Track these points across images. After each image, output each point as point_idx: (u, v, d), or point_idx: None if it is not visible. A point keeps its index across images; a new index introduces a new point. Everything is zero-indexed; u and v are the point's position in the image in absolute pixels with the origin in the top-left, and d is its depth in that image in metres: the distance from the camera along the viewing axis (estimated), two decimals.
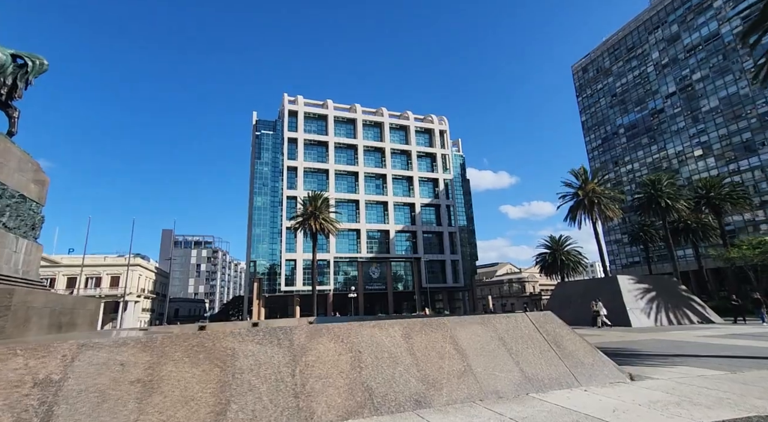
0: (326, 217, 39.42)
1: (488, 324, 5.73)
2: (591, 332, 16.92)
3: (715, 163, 69.38)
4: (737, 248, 35.04)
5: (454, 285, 75.17)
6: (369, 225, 71.61)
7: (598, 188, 37.66)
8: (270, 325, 20.33)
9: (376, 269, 71.75)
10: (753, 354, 8.89)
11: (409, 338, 5.06)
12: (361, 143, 74.19)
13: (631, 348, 10.57)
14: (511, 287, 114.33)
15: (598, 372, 5.49)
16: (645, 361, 7.70)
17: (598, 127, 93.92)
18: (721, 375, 5.88)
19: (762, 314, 20.71)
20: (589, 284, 26.11)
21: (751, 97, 65.44)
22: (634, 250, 77.56)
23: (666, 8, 79.81)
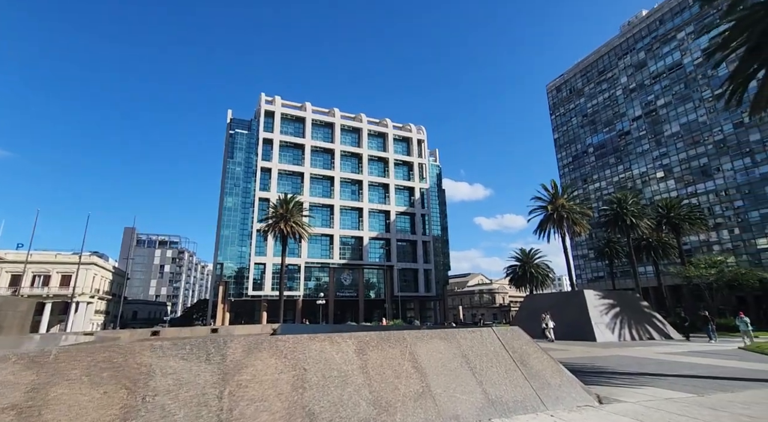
0: (298, 220, 38.37)
1: (451, 339, 5.29)
2: (557, 346, 16.90)
3: (675, 185, 73.05)
4: (695, 266, 36.63)
5: (426, 294, 75.14)
6: (343, 231, 70.73)
7: (568, 204, 38.62)
8: (230, 332, 19.11)
9: (348, 275, 70.78)
10: (714, 373, 8.90)
11: (363, 354, 4.53)
12: (338, 148, 73.53)
13: (597, 364, 10.43)
14: (481, 298, 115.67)
15: (565, 394, 5.13)
16: (611, 380, 7.49)
17: (569, 145, 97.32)
18: (688, 399, 5.68)
19: (709, 331, 21.41)
20: (557, 298, 26.42)
21: (709, 125, 69.58)
22: (600, 265, 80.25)
23: (634, 36, 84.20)
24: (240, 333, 17.69)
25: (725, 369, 9.80)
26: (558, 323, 22.45)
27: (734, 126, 66.08)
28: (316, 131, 73.65)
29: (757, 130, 63.23)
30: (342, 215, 71.50)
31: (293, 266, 64.30)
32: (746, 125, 64.42)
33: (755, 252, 60.61)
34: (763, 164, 62.46)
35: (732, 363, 11.15)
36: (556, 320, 22.75)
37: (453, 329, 5.68)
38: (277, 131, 68.11)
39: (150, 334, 16.42)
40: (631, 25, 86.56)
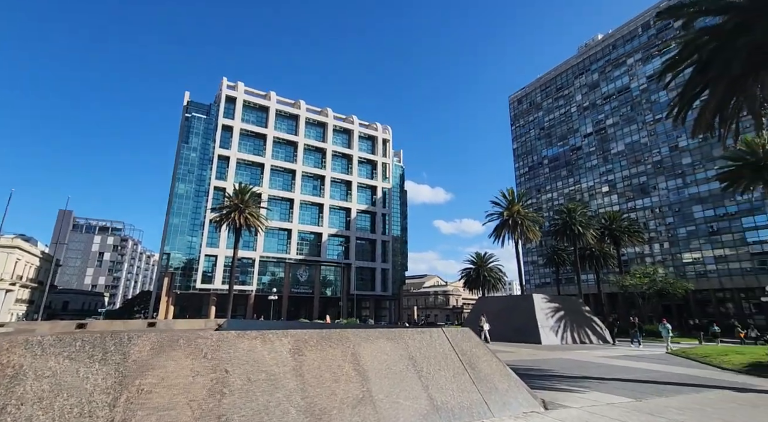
0: (254, 212, 36.70)
1: (399, 339, 4.93)
2: (505, 348, 17.25)
3: (618, 200, 78.49)
4: (631, 276, 39.36)
5: (382, 294, 75.19)
6: (302, 226, 69.06)
7: (523, 210, 40.13)
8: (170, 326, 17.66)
9: (305, 272, 69.26)
10: (649, 377, 9.30)
11: (299, 354, 4.04)
12: (302, 141, 71.69)
13: (543, 368, 10.61)
14: (436, 299, 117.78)
15: (512, 399, 4.95)
16: (556, 384, 7.53)
17: (526, 155, 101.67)
18: (628, 404, 5.74)
19: (635, 336, 22.63)
20: (507, 301, 27.23)
21: (649, 146, 75.42)
22: (547, 272, 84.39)
23: (590, 58, 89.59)
24: (180, 327, 16.39)
25: (658, 373, 10.31)
26: (507, 325, 23.08)
27: (670, 149, 72.03)
28: (280, 122, 71.36)
29: (688, 154, 69.31)
30: (302, 209, 69.80)
31: (247, 259, 61.82)
32: (680, 148, 70.47)
33: (681, 265, 66.32)
34: (691, 186, 68.47)
35: (662, 366, 11.82)
36: (505, 322, 23.37)
37: (401, 329, 5.33)
38: (238, 118, 65.16)
39: (75, 327, 14.78)
40: (587, 47, 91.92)
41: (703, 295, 61.65)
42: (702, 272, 64.13)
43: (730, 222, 62.65)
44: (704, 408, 5.72)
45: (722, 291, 62.14)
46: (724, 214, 63.62)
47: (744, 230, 61.05)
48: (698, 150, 67.62)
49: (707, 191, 65.45)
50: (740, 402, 6.37)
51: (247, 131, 66.27)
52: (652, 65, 76.65)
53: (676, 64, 10.94)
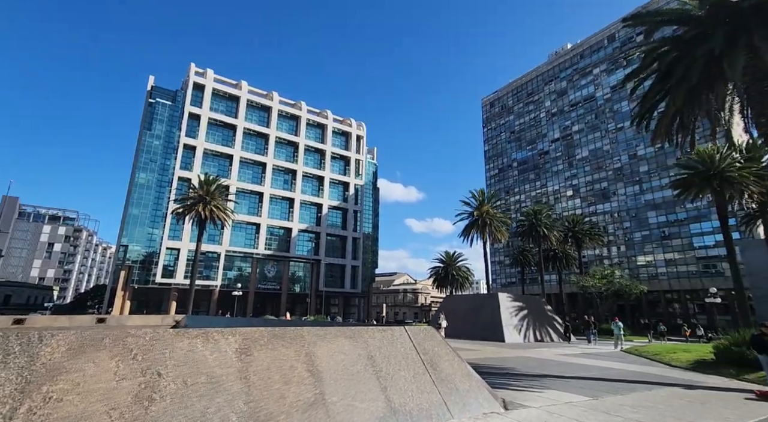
0: (219, 204, 35.26)
1: (358, 338, 4.68)
2: (470, 346, 17.42)
3: (581, 204, 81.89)
4: (591, 277, 41.09)
5: (351, 291, 74.75)
6: (271, 221, 67.36)
7: (492, 211, 40.95)
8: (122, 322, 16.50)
9: (273, 267, 67.68)
10: (605, 375, 9.57)
11: (247, 354, 3.70)
12: (273, 134, 69.85)
13: (505, 366, 10.70)
14: (405, 297, 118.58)
15: (472, 399, 4.82)
16: (517, 383, 7.56)
17: (497, 158, 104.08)
18: (585, 403, 5.78)
19: (589, 334, 23.61)
20: (474, 300, 27.63)
21: (611, 154, 79.11)
22: (513, 272, 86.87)
23: (559, 66, 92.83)
24: (133, 323, 15.37)
25: (613, 370, 10.65)
26: (473, 323, 23.41)
27: (629, 157, 75.88)
28: (251, 113, 69.20)
29: (646, 162, 73.27)
30: (272, 204, 68.09)
31: (212, 253, 59.66)
32: (638, 157, 74.38)
33: (635, 268, 70.05)
34: (647, 193, 72.43)
35: (617, 364, 12.26)
36: (472, 320, 23.69)
37: (361, 326, 5.08)
38: (207, 106, 62.56)
39: (11, 322, 13.52)
40: (557, 55, 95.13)
41: (654, 296, 65.40)
42: (654, 274, 68.06)
43: (680, 228, 66.83)
44: (657, 406, 5.85)
45: (671, 293, 66.25)
46: (674, 220, 67.76)
47: (691, 235, 65.29)
48: (654, 159, 71.63)
49: (661, 198, 69.50)
50: (689, 399, 6.60)
51: (215, 121, 63.78)
52: (615, 76, 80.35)
53: (638, 72, 11.35)
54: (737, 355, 10.50)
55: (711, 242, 63.26)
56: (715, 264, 61.91)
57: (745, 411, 5.98)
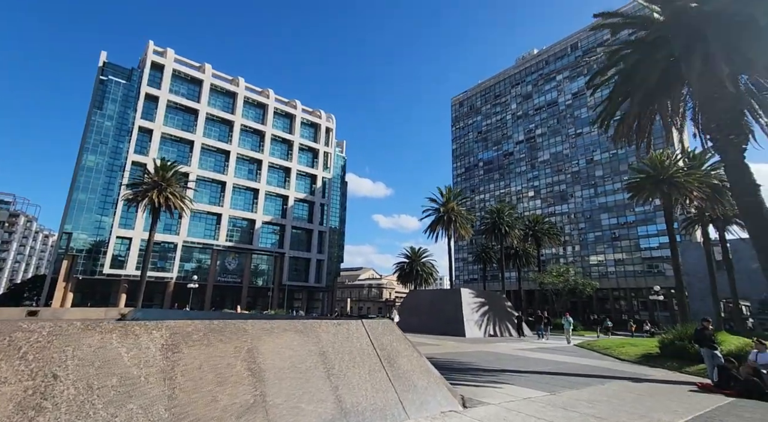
0: (176, 192, 33.19)
1: (310, 332, 4.27)
2: (432, 341, 17.43)
3: (541, 204, 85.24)
4: (548, 274, 42.77)
5: (315, 285, 73.60)
6: (234, 211, 64.78)
7: (457, 208, 41.55)
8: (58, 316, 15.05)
9: (234, 260, 65.25)
10: (561, 369, 9.75)
11: (175, 351, 3.20)
12: (239, 121, 67.04)
13: (464, 360, 10.67)
14: (370, 292, 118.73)
15: (430, 397, 4.56)
16: (477, 378, 7.45)
17: (464, 157, 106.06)
18: (543, 398, 5.72)
19: (540, 329, 24.09)
20: (437, 295, 27.84)
21: (570, 157, 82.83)
22: (475, 268, 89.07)
23: (526, 70, 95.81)
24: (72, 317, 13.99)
25: (568, 364, 10.91)
26: (436, 318, 23.55)
27: (587, 162, 79.76)
28: (215, 98, 65.99)
29: (601, 167, 77.34)
30: (235, 194, 65.46)
31: (168, 244, 56.58)
32: (595, 161, 78.37)
33: (588, 266, 73.98)
34: (601, 196, 76.52)
35: (572, 358, 12.64)
36: (434, 315, 23.81)
37: (314, 320, 4.68)
38: (166, 88, 58.89)
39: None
40: (524, 60, 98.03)
41: (603, 293, 69.41)
42: (604, 273, 72.21)
43: (629, 230, 71.25)
44: (610, 400, 5.91)
45: (618, 290, 70.64)
46: (624, 223, 72.13)
47: (638, 237, 69.81)
48: (609, 164, 75.76)
49: (613, 202, 73.71)
50: (639, 393, 6.77)
51: (175, 104, 60.25)
52: (576, 84, 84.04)
53: (603, 71, 11.66)
54: (680, 349, 11.09)
55: (655, 244, 67.90)
56: (658, 265, 66.58)
57: (691, 404, 6.18)
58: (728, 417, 5.36)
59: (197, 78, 63.42)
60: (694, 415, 5.32)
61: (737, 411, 5.88)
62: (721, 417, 5.33)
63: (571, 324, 22.16)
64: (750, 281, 49.73)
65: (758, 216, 8.92)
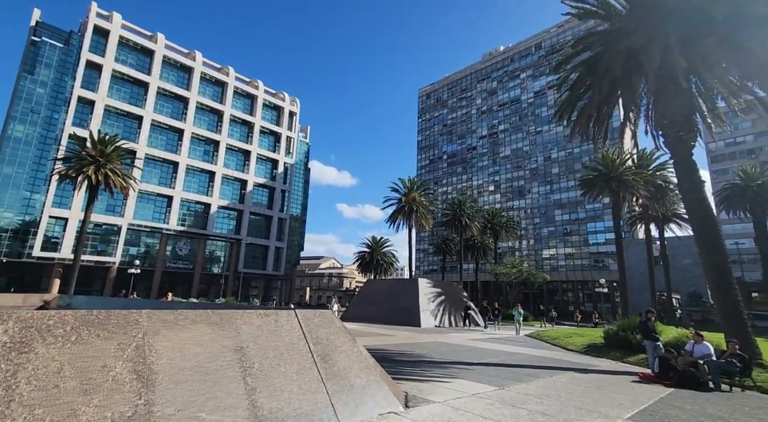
0: (117, 169, 30.33)
1: (228, 324, 3.59)
2: (385, 331, 17.12)
3: (500, 199, 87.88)
4: (504, 266, 44.08)
5: (273, 273, 71.55)
6: (187, 194, 61.08)
7: (419, 198, 41.54)
8: None
9: (186, 245, 61.79)
10: (512, 360, 9.68)
11: (22, 351, 2.41)
12: (194, 98, 62.85)
13: (417, 352, 10.36)
14: (330, 281, 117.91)
15: (368, 397, 4.04)
16: (426, 372, 7.09)
17: (429, 149, 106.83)
18: (492, 394, 5.41)
19: (485, 319, 23.93)
20: (394, 284, 27.67)
21: (529, 154, 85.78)
22: (435, 260, 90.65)
23: (492, 66, 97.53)
24: None
25: (518, 355, 10.93)
26: (392, 308, 23.32)
27: (544, 159, 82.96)
28: (169, 71, 61.32)
29: (557, 165, 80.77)
30: (189, 176, 61.65)
31: (111, 226, 52.41)
32: (552, 159, 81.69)
33: (541, 260, 77.51)
34: (556, 193, 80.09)
35: (522, 349, 12.77)
36: (390, 305, 23.56)
37: (236, 310, 3.97)
38: (111, 56, 53.81)
39: None
40: (491, 56, 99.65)
41: (554, 285, 73.10)
42: (555, 266, 75.98)
43: (579, 226, 75.26)
44: (559, 394, 5.74)
45: (567, 283, 74.70)
46: (576, 219, 76.07)
47: (588, 233, 73.97)
48: (564, 162, 79.25)
49: (567, 199, 77.41)
50: (586, 385, 6.71)
51: (122, 75, 55.32)
52: (539, 82, 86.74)
53: (568, 60, 11.64)
54: (623, 339, 11.48)
55: (602, 240, 72.21)
56: (603, 259, 70.96)
57: (636, 396, 6.16)
58: (671, 410, 5.33)
59: (148, 48, 58.57)
60: (639, 408, 5.24)
61: (678, 402, 5.92)
62: (664, 410, 5.29)
63: (521, 314, 22.38)
64: (682, 276, 54.35)
65: (702, 211, 9.20)
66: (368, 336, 13.98)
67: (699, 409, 5.51)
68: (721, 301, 9.45)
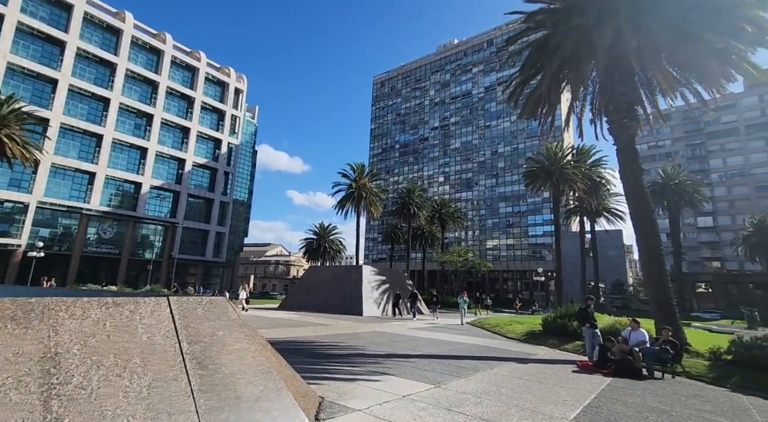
0: (15, 135, 25.80)
1: (36, 319, 2.37)
2: (323, 321, 16.12)
3: (449, 190, 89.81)
4: (450, 254, 44.83)
5: (213, 260, 67.14)
6: (113, 171, 54.74)
7: (369, 185, 40.66)
8: None
9: (112, 228, 55.69)
10: (451, 351, 9.17)
11: None
12: (124, 64, 56.09)
13: (351, 344, 9.49)
14: (276, 268, 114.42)
15: (261, 413, 3.02)
16: (356, 368, 6.22)
17: (382, 137, 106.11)
18: (426, 395, 4.65)
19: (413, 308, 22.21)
20: (338, 271, 26.63)
21: (478, 148, 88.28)
22: (384, 248, 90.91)
23: (446, 58, 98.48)
24: None
25: (458, 345, 10.50)
26: (335, 296, 22.33)
27: (491, 153, 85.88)
28: (92, 31, 53.99)
29: (503, 159, 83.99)
30: (116, 151, 55.21)
31: (16, 203, 45.64)
32: (498, 153, 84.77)
33: (484, 250, 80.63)
34: (501, 186, 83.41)
35: (462, 337, 12.44)
36: (333, 293, 22.56)
37: (63, 299, 2.74)
38: (16, 6, 46.03)
39: None
40: (445, 48, 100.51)
41: (495, 275, 76.51)
42: (497, 256, 79.50)
43: (520, 219, 79.18)
44: (500, 391, 5.16)
45: (507, 272, 78.58)
46: (518, 211, 79.90)
47: (528, 225, 78.09)
48: (510, 157, 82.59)
49: (511, 192, 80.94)
50: (527, 378, 6.26)
51: (32, 29, 47.72)
52: (489, 78, 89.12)
53: (518, 37, 11.22)
54: (560, 327, 11.54)
55: (540, 232, 76.62)
56: (540, 251, 75.43)
57: (578, 389, 5.79)
58: (614, 404, 4.95)
59: (66, 2, 51.05)
60: (584, 405, 4.80)
61: (619, 395, 5.62)
62: (608, 405, 4.90)
63: (466, 302, 21.48)
64: (607, 267, 59.22)
65: (640, 199, 9.23)
66: (301, 327, 12.92)
67: (641, 402, 5.22)
68: (653, 287, 9.66)
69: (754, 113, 66.85)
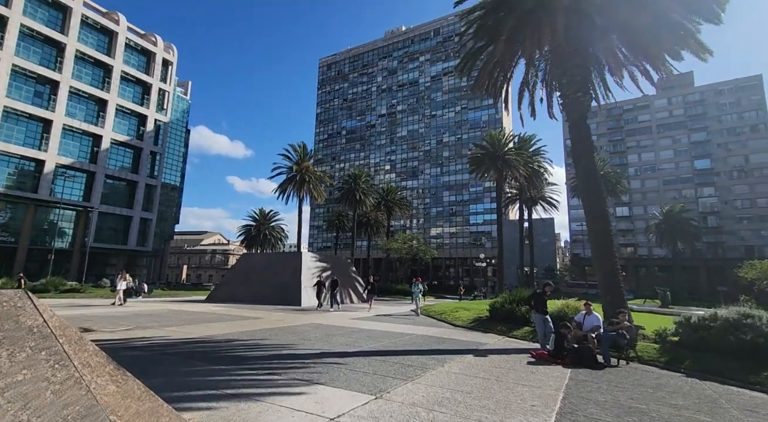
0: None
1: None
2: (252, 313, 14.40)
3: (395, 178, 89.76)
4: (395, 241, 44.41)
5: (138, 249, 60.45)
6: (6, 146, 46.49)
7: (312, 168, 38.58)
8: None
9: (5, 212, 47.69)
10: (395, 345, 8.18)
11: None
12: (18, 19, 47.41)
13: (277, 342, 8.06)
14: (214, 258, 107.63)
15: None
16: (273, 377, 4.88)
17: (328, 123, 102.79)
18: (363, 413, 3.44)
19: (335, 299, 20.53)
20: (274, 258, 24.71)
21: (424, 137, 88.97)
22: (329, 236, 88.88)
23: (393, 45, 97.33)
24: None
25: (404, 337, 9.55)
26: (270, 285, 20.51)
27: (437, 142, 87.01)
28: None
29: (448, 148, 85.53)
30: (9, 122, 46.90)
31: None
32: (444, 143, 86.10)
33: (429, 238, 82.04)
34: (445, 175, 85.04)
35: (408, 328, 11.57)
36: (269, 282, 20.71)
37: None
38: None
39: None
40: (393, 34, 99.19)
41: (439, 262, 78.27)
42: (441, 244, 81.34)
43: (463, 207, 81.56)
44: (455, 397, 4.16)
45: (450, 259, 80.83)
46: (461, 200, 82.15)
47: (470, 214, 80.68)
48: (454, 147, 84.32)
49: (455, 181, 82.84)
50: (484, 376, 5.38)
51: None
52: (436, 68, 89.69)
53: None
54: (508, 312, 11.12)
55: (481, 220, 79.54)
56: (480, 238, 78.46)
57: (541, 388, 5.02)
58: (588, 407, 4.19)
59: None
60: (555, 410, 3.97)
61: (586, 392, 4.92)
62: (582, 409, 4.12)
63: (422, 290, 19.32)
64: (540, 253, 62.99)
65: (590, 172, 8.86)
66: (223, 322, 11.18)
67: (612, 400, 4.55)
68: (602, 270, 9.49)
69: (663, 113, 74.58)
